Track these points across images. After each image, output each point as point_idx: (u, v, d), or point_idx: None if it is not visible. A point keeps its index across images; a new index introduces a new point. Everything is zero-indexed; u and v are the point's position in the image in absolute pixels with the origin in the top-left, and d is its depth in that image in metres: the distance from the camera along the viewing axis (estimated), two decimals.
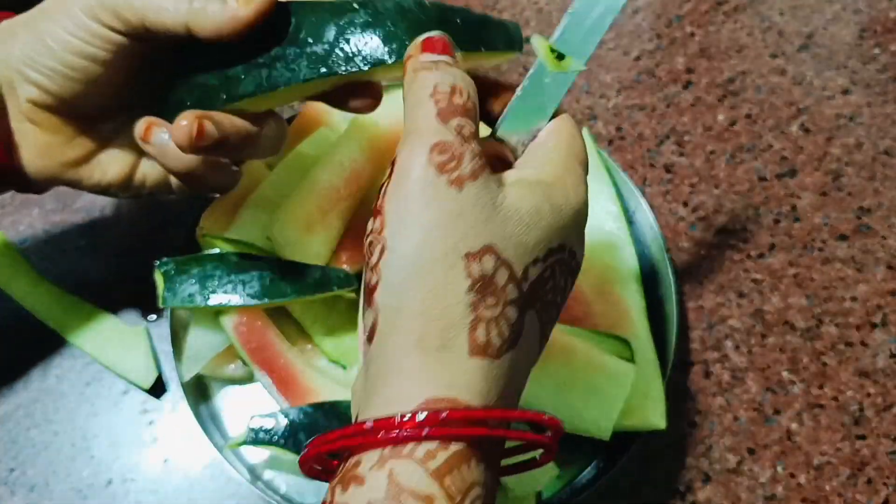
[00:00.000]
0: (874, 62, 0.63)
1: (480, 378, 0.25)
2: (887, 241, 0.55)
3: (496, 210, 0.26)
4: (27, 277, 0.53)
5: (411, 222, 0.25)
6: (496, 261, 0.25)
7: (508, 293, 0.25)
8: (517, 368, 0.26)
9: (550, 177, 0.29)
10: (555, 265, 0.27)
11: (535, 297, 0.27)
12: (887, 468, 0.48)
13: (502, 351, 0.25)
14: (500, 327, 0.25)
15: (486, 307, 0.25)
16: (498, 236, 0.26)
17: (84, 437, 0.49)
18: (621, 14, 0.66)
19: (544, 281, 0.27)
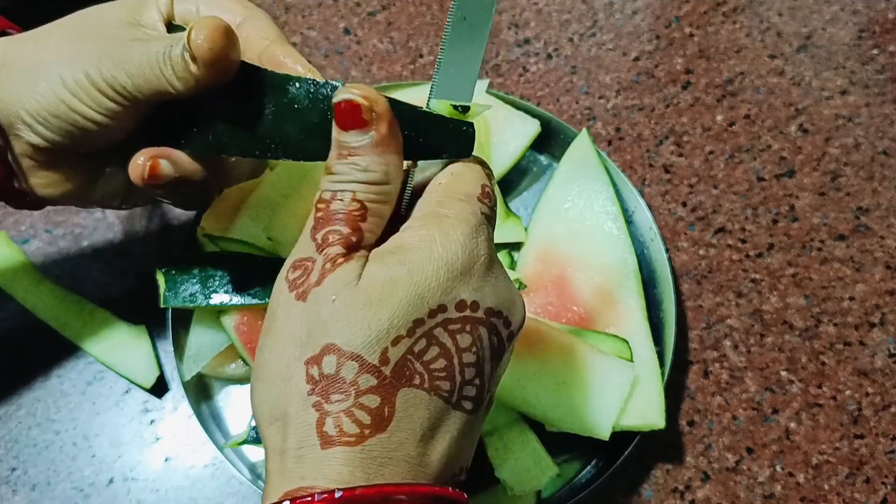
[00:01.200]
0: (872, 63, 0.63)
1: (339, 465, 0.25)
2: (885, 241, 0.55)
3: (343, 305, 0.26)
4: (29, 277, 0.53)
5: (265, 342, 0.28)
6: (339, 357, 0.26)
7: (361, 384, 0.26)
8: (398, 445, 0.26)
9: (413, 236, 0.28)
10: (434, 331, 0.27)
11: (409, 374, 0.26)
12: (885, 467, 0.48)
13: (364, 437, 0.25)
14: (356, 416, 0.26)
15: (331, 403, 0.26)
16: (341, 333, 0.26)
17: (85, 436, 0.49)
18: (612, 15, 0.66)
19: (419, 353, 0.26)
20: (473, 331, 0.27)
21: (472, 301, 0.28)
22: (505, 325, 0.29)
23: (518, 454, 0.45)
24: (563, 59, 0.65)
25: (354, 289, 0.27)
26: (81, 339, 0.51)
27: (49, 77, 0.33)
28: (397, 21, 0.67)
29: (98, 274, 0.55)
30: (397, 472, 0.26)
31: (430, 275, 0.27)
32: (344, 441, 0.26)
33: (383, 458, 0.26)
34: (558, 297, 0.50)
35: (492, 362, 0.28)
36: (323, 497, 0.24)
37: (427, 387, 0.26)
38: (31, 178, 0.37)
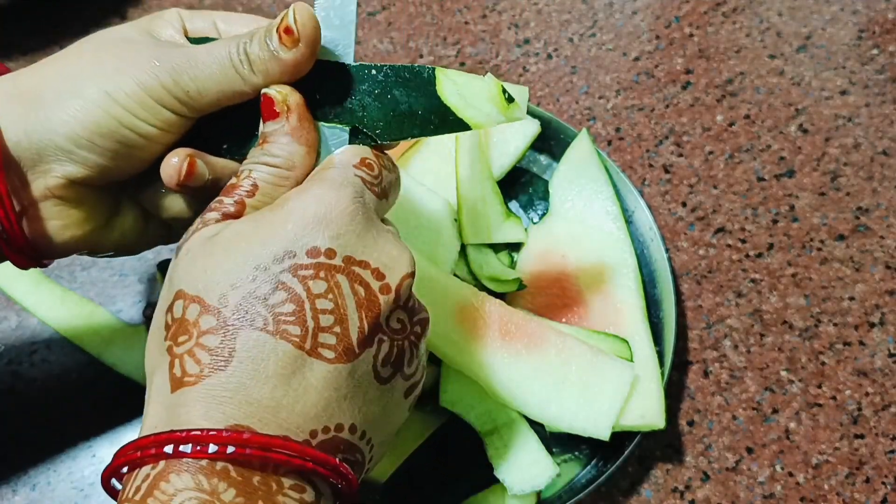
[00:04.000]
0: (872, 63, 0.63)
1: (180, 406, 0.26)
2: (885, 240, 0.56)
3: (191, 255, 0.29)
4: (28, 277, 0.53)
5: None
6: (184, 301, 0.27)
7: (202, 323, 0.27)
8: (239, 386, 0.26)
9: (278, 201, 0.30)
10: (280, 276, 0.27)
11: (252, 316, 0.27)
12: (885, 467, 0.48)
13: (202, 376, 0.26)
14: (196, 356, 0.26)
15: (179, 346, 0.27)
16: (186, 280, 0.28)
17: (85, 435, 0.49)
18: (612, 15, 0.67)
19: (262, 296, 0.27)
20: (329, 277, 0.28)
21: (326, 248, 0.28)
22: (375, 276, 0.29)
23: (518, 454, 0.45)
24: (562, 60, 0.65)
25: (206, 242, 0.29)
26: (81, 338, 0.51)
27: (90, 95, 0.32)
28: (397, 21, 0.67)
29: (98, 273, 0.55)
30: (239, 413, 0.26)
31: (275, 223, 0.28)
32: (185, 381, 0.26)
33: (223, 397, 0.26)
34: (558, 297, 0.50)
35: (359, 312, 0.28)
36: (159, 437, 0.25)
37: (272, 330, 0.27)
38: (49, 222, 0.34)
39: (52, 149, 0.32)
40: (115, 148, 0.33)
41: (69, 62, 0.33)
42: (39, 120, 0.32)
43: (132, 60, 0.33)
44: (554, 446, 0.47)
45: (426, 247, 0.49)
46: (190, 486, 0.24)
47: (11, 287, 0.53)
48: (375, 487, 0.46)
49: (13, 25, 0.67)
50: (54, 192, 0.34)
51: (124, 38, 0.34)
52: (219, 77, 0.32)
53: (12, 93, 0.33)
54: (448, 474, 0.47)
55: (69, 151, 0.32)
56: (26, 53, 0.66)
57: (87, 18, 0.67)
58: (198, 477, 0.25)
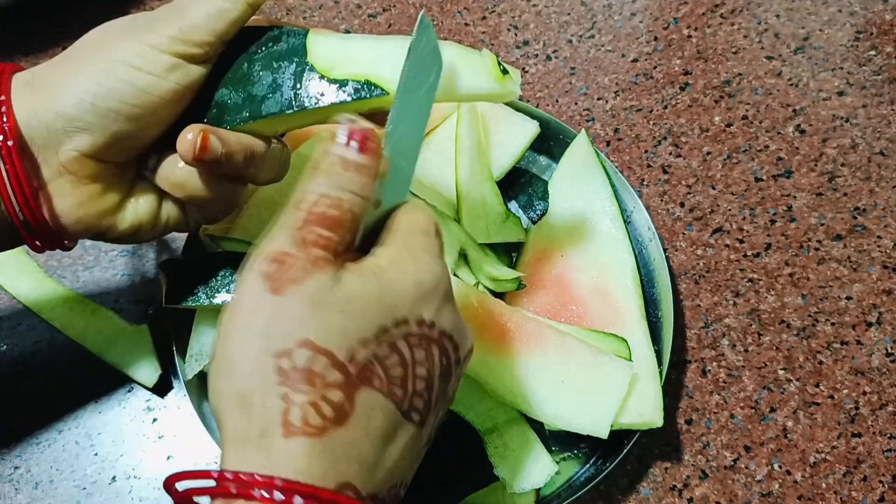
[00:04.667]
0: (869, 64, 0.64)
1: (298, 455, 0.26)
2: (882, 240, 0.56)
3: (321, 305, 0.28)
4: (32, 276, 0.53)
5: (230, 333, 0.28)
6: (313, 352, 0.27)
7: (328, 377, 0.27)
8: (352, 442, 0.27)
9: (385, 258, 0.30)
10: (396, 340, 0.29)
11: (370, 375, 0.28)
12: (883, 465, 0.48)
13: (326, 429, 0.26)
14: (320, 409, 0.26)
15: (298, 394, 0.26)
16: (318, 329, 0.27)
17: (88, 434, 0.50)
18: (611, 17, 0.67)
19: (381, 358, 0.28)
20: (428, 347, 0.30)
21: (430, 321, 0.30)
22: (454, 350, 0.31)
23: (517, 452, 0.45)
24: (562, 61, 0.65)
25: (333, 292, 0.28)
26: (84, 338, 0.51)
27: (93, 64, 0.34)
28: (398, 23, 0.68)
29: (100, 273, 0.55)
30: (349, 471, 0.27)
31: (399, 290, 0.29)
32: (307, 432, 0.26)
33: (340, 453, 0.27)
34: (557, 297, 0.50)
35: (440, 382, 0.30)
36: (282, 484, 0.25)
37: (385, 390, 0.28)
38: (62, 199, 0.36)
39: (59, 121, 0.34)
40: (119, 108, 0.34)
41: (78, 48, 0.35)
42: (46, 98, 0.34)
43: (132, 26, 0.35)
44: (553, 445, 0.47)
45: None
46: None
47: (14, 286, 0.53)
48: None
49: (13, 25, 0.67)
50: (67, 168, 0.35)
51: (130, 18, 0.36)
52: (202, 3, 0.35)
53: (25, 82, 0.35)
54: (448, 474, 0.47)
55: (76, 119, 0.34)
56: (27, 54, 0.66)
57: (87, 18, 0.67)
58: None
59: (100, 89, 0.34)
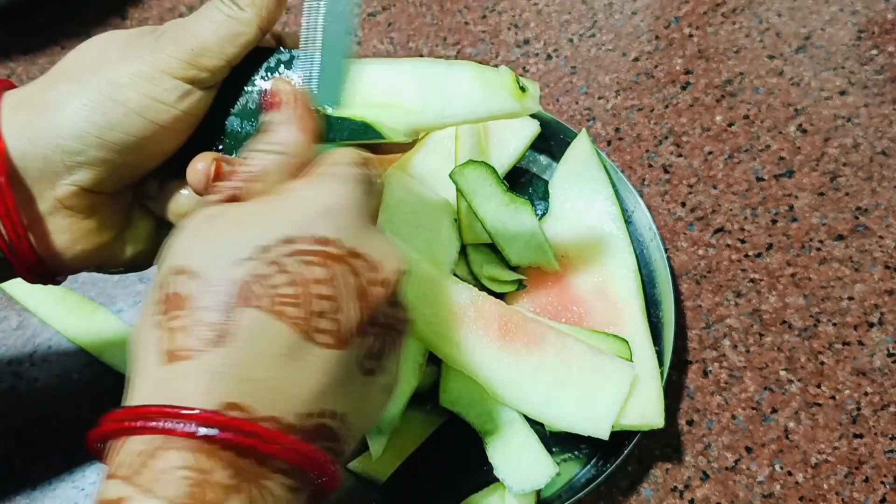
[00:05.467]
0: (871, 63, 0.64)
1: (181, 381, 0.26)
2: (884, 240, 0.56)
3: (195, 231, 0.29)
4: None
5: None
6: (183, 276, 0.27)
7: (201, 298, 0.26)
8: (240, 363, 0.26)
9: (282, 187, 0.30)
10: (281, 259, 0.27)
11: (251, 295, 0.26)
12: (884, 466, 0.48)
13: (200, 352, 0.26)
14: (194, 332, 0.26)
15: (176, 321, 0.26)
16: (186, 254, 0.28)
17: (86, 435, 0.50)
18: (612, 16, 0.67)
19: (263, 276, 0.27)
20: (329, 266, 0.28)
21: (334, 238, 0.29)
22: (370, 269, 0.29)
23: (518, 453, 0.45)
24: (562, 60, 0.65)
25: (208, 220, 0.29)
26: (82, 339, 0.51)
27: (95, 86, 0.32)
28: (398, 22, 0.68)
29: (98, 274, 0.55)
30: (237, 391, 0.26)
31: (284, 208, 0.29)
32: (180, 355, 0.26)
33: (221, 373, 0.26)
34: (558, 297, 0.50)
35: (354, 302, 0.28)
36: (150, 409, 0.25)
37: (272, 310, 0.27)
38: (59, 236, 0.34)
39: (59, 154, 0.32)
40: (124, 141, 0.32)
41: (74, 64, 0.33)
42: (45, 126, 0.32)
43: (136, 45, 0.33)
44: (554, 445, 0.47)
45: (426, 247, 0.49)
46: (179, 463, 0.24)
47: (12, 287, 0.53)
48: (375, 487, 0.47)
49: (13, 25, 0.67)
50: (64, 203, 0.33)
51: (129, 33, 0.34)
52: (213, 26, 0.33)
53: (17, 103, 0.33)
54: (448, 474, 0.47)
55: (78, 152, 0.32)
56: (26, 53, 0.66)
57: (87, 18, 0.67)
58: (186, 455, 0.24)
59: (105, 120, 0.32)
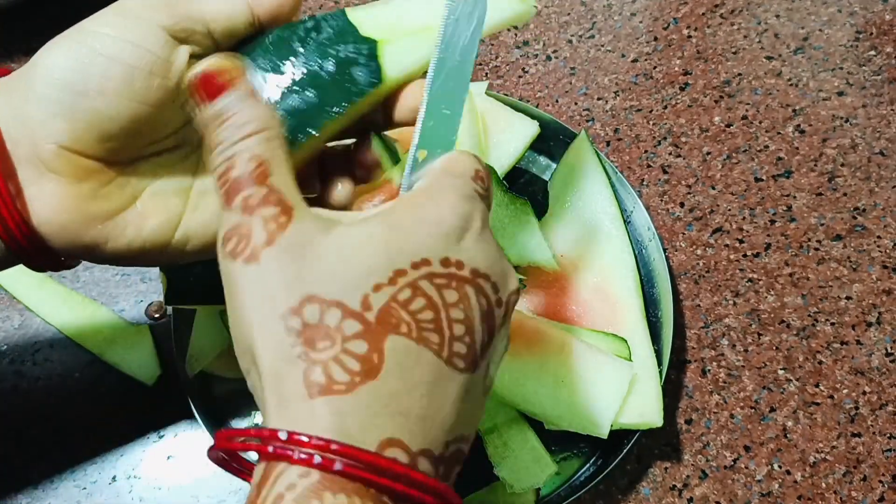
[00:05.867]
0: (869, 64, 0.64)
1: (328, 413, 0.24)
2: (882, 240, 0.56)
3: (309, 258, 0.26)
4: (32, 276, 0.53)
5: (233, 318, 0.27)
6: (321, 307, 0.25)
7: (346, 329, 0.25)
8: (391, 395, 0.25)
9: (398, 203, 0.29)
10: (418, 282, 0.26)
11: (395, 321, 0.26)
12: (882, 465, 0.48)
13: (354, 384, 0.25)
14: (344, 363, 0.25)
15: (317, 352, 0.25)
16: (317, 282, 0.26)
17: (88, 434, 0.50)
18: (611, 17, 0.67)
19: (403, 302, 0.26)
20: (459, 288, 0.27)
21: (457, 260, 0.27)
22: (493, 290, 0.28)
23: (517, 452, 0.45)
24: (561, 61, 0.65)
25: (320, 240, 0.26)
26: (84, 338, 0.51)
27: (78, 38, 0.31)
28: None
29: (100, 273, 0.55)
30: (393, 426, 0.25)
31: (411, 230, 0.27)
32: (334, 389, 0.24)
33: (378, 407, 0.25)
34: (558, 297, 0.50)
35: (483, 324, 0.28)
36: (318, 443, 0.23)
37: (415, 336, 0.26)
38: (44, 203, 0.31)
39: (31, 106, 0.30)
40: (93, 84, 0.30)
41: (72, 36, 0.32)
42: (21, 87, 0.30)
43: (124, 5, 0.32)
44: (553, 444, 0.47)
45: None
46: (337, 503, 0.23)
47: (14, 286, 0.53)
48: None
49: (13, 25, 0.67)
50: (49, 165, 0.30)
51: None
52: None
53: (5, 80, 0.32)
54: None
55: (45, 98, 0.30)
56: (27, 53, 0.66)
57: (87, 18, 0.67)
58: (353, 498, 0.24)
59: (70, 62, 0.30)
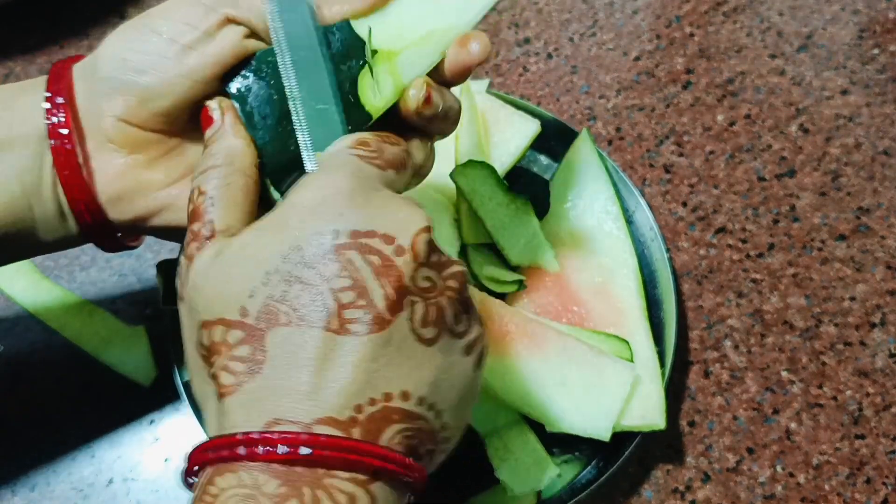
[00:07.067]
0: (873, 62, 0.63)
1: (230, 414, 0.27)
2: (886, 241, 0.55)
3: (201, 287, 0.29)
4: (28, 276, 0.53)
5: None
6: (210, 328, 0.28)
7: (230, 339, 0.27)
8: (276, 383, 0.27)
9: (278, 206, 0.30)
10: (291, 272, 0.27)
11: (273, 316, 0.27)
12: (886, 468, 0.48)
13: (239, 384, 0.27)
14: (231, 368, 0.27)
15: (216, 368, 0.28)
16: (204, 308, 0.28)
17: (85, 436, 0.49)
18: (612, 15, 0.66)
19: (280, 297, 0.27)
20: (340, 257, 0.28)
21: (329, 230, 0.28)
22: (385, 242, 0.28)
23: (518, 454, 0.45)
24: (563, 59, 0.65)
25: (210, 266, 0.29)
26: (80, 339, 0.51)
27: (139, 22, 0.34)
28: None
29: (97, 274, 0.55)
30: (278, 408, 0.26)
31: (278, 224, 0.29)
32: (224, 392, 0.27)
33: (261, 396, 0.27)
34: (558, 297, 0.50)
35: (378, 280, 0.28)
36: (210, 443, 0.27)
37: (294, 323, 0.27)
38: (104, 173, 0.34)
39: (98, 84, 0.33)
40: (142, 62, 0.33)
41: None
42: (90, 68, 0.34)
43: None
44: (554, 447, 0.47)
45: None
46: (233, 483, 0.25)
47: (11, 287, 0.53)
48: None
49: (13, 25, 0.67)
50: (109, 137, 0.34)
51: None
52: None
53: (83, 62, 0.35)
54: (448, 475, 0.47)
55: (108, 79, 0.33)
56: (26, 53, 0.66)
57: (86, 18, 0.67)
58: (240, 474, 0.26)
59: (130, 43, 0.33)
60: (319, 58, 0.33)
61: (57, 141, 0.33)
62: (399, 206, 0.30)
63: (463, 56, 0.34)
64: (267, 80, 0.34)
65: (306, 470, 0.26)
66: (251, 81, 0.34)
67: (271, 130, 0.33)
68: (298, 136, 0.33)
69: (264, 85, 0.34)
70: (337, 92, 0.33)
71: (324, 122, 0.33)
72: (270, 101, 0.34)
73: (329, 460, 0.26)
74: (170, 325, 0.49)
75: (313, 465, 0.26)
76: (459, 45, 0.34)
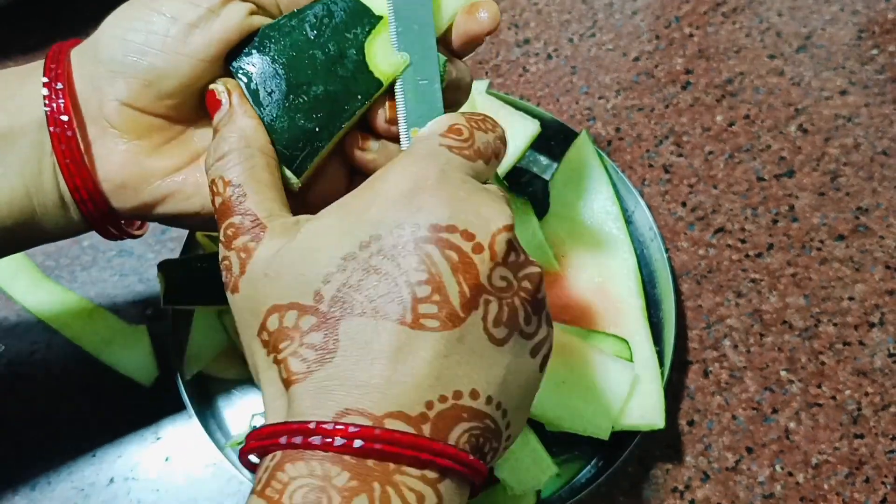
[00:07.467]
0: (872, 63, 0.63)
1: (294, 402, 0.27)
2: (885, 241, 0.56)
3: (270, 273, 0.28)
4: (29, 276, 0.53)
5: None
6: (282, 312, 0.28)
7: (303, 325, 0.27)
8: (347, 372, 0.26)
9: (355, 190, 0.30)
10: (369, 260, 0.27)
11: (350, 304, 0.27)
12: (885, 467, 0.48)
13: (310, 371, 0.27)
14: (301, 355, 0.27)
15: (286, 353, 0.27)
16: (275, 293, 0.28)
17: (86, 435, 0.49)
18: (612, 15, 0.67)
19: (356, 285, 0.27)
20: (417, 250, 0.27)
21: (410, 223, 0.28)
22: (465, 238, 0.28)
23: (518, 453, 0.45)
24: (562, 60, 0.65)
25: (280, 254, 0.28)
26: (81, 338, 0.51)
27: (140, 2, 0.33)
28: None
29: (98, 273, 0.55)
30: (348, 399, 0.26)
31: (358, 210, 0.28)
32: (293, 380, 0.27)
33: (332, 386, 0.26)
34: (558, 298, 0.50)
35: (456, 276, 0.27)
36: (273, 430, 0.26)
37: (369, 314, 0.27)
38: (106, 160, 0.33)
39: (99, 68, 0.32)
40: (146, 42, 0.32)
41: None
42: (89, 50, 0.33)
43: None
44: (554, 446, 0.47)
45: None
46: (304, 473, 0.25)
47: (11, 286, 0.53)
48: None
49: (13, 25, 0.67)
50: (111, 122, 0.33)
51: None
52: None
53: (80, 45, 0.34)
54: None
55: (110, 61, 0.32)
56: (26, 53, 0.66)
57: (85, 17, 0.67)
58: (311, 464, 0.25)
59: (131, 22, 0.32)
60: (430, 33, 0.33)
61: (57, 128, 0.32)
62: (483, 201, 0.29)
63: (472, 24, 0.33)
64: (272, 56, 0.33)
65: (377, 464, 0.25)
66: (255, 58, 0.33)
67: (278, 106, 0.33)
68: (399, 108, 0.32)
69: (269, 60, 0.33)
70: (440, 70, 0.33)
71: (422, 99, 0.33)
72: (276, 77, 0.33)
73: (402, 457, 0.25)
74: (171, 324, 0.49)
75: (384, 459, 0.25)
76: (467, 13, 0.33)
